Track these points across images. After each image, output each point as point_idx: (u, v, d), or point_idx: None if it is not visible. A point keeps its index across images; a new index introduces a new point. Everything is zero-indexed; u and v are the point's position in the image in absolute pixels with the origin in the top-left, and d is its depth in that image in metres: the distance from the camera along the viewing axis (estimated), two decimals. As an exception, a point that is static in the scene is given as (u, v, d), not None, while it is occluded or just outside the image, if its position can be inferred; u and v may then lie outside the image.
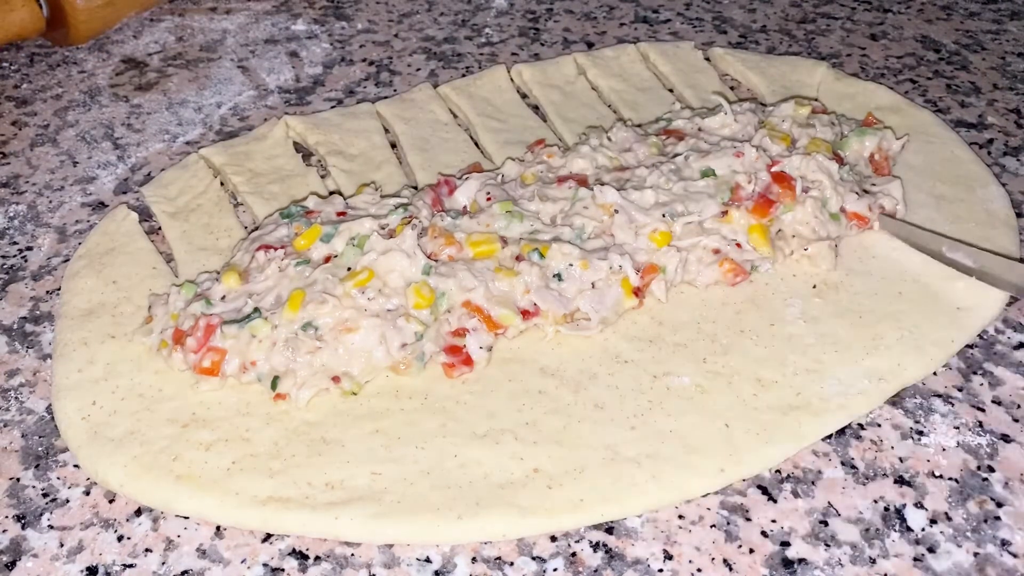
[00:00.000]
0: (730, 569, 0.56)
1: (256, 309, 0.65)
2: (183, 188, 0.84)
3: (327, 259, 0.69)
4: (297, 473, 0.60)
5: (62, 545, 0.58)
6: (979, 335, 0.71)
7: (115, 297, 0.72)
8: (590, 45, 1.10)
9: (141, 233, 0.79)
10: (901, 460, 0.63)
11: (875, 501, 0.60)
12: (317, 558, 0.57)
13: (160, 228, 0.81)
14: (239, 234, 0.79)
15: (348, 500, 0.58)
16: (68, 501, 0.60)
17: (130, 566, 0.56)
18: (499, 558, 0.57)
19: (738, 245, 0.73)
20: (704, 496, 0.60)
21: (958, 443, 0.64)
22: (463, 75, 1.04)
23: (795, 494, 0.61)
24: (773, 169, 0.76)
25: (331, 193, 0.81)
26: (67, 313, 0.71)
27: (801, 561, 0.57)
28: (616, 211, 0.72)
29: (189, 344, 0.65)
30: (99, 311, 0.71)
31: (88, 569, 0.56)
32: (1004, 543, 0.58)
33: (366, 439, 0.62)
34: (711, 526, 0.59)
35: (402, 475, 0.60)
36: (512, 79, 1.00)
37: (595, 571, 0.56)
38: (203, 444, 0.62)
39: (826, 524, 0.59)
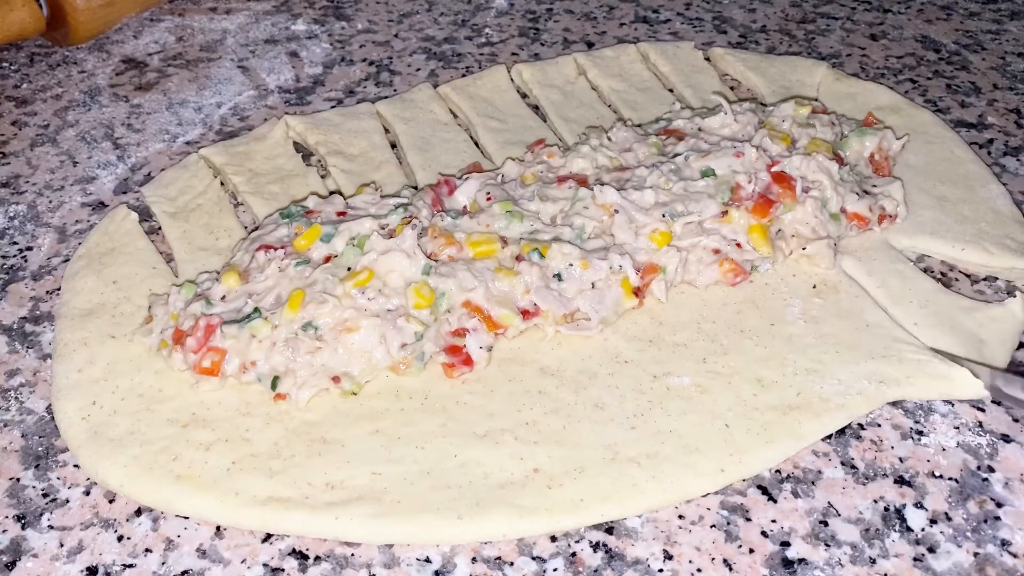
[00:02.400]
0: (730, 569, 0.56)
1: (256, 309, 0.65)
2: (183, 188, 0.84)
3: (327, 259, 0.69)
4: (297, 473, 0.60)
5: (62, 545, 0.58)
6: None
7: (115, 297, 0.72)
8: (590, 45, 1.10)
9: (141, 233, 0.79)
10: (901, 460, 0.63)
11: (875, 501, 0.60)
12: (317, 558, 0.57)
13: (160, 228, 0.81)
14: (239, 234, 0.79)
15: (348, 500, 0.58)
16: (68, 501, 0.60)
17: (130, 566, 0.56)
18: (499, 558, 0.57)
19: (738, 245, 0.73)
20: (704, 496, 0.60)
21: (958, 443, 0.64)
22: (463, 75, 1.04)
23: (795, 494, 0.61)
24: (773, 169, 0.76)
25: (331, 193, 0.80)
26: (67, 313, 0.71)
27: (801, 561, 0.57)
28: (616, 211, 0.72)
29: (189, 344, 0.65)
30: (99, 311, 0.71)
31: (88, 569, 0.56)
32: (1004, 543, 0.58)
33: (366, 439, 0.62)
34: (711, 526, 0.59)
35: (402, 475, 0.60)
36: (512, 79, 1.00)
37: (595, 571, 0.56)
38: (203, 444, 0.62)
39: (826, 524, 0.59)
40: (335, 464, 0.61)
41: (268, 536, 0.58)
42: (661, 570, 0.56)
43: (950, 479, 0.61)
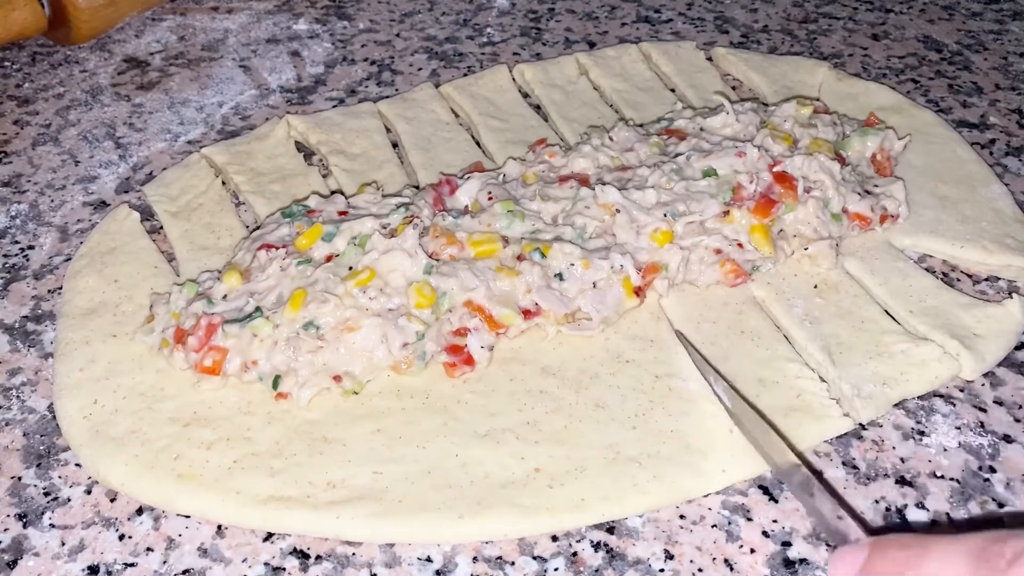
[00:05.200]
0: (731, 569, 0.56)
1: (258, 308, 0.66)
2: (185, 187, 0.84)
3: (328, 258, 0.69)
4: (298, 472, 0.60)
5: (63, 544, 0.58)
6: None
7: (117, 296, 0.72)
8: (592, 45, 1.10)
9: (143, 232, 0.79)
10: (903, 460, 0.63)
11: (876, 501, 0.60)
12: (318, 557, 0.57)
13: (162, 227, 0.81)
14: (240, 233, 0.79)
15: (349, 499, 0.58)
16: (69, 500, 0.60)
17: (131, 565, 0.56)
18: (500, 557, 0.57)
19: (740, 245, 0.73)
20: (705, 496, 0.60)
21: (959, 443, 0.64)
22: (465, 75, 1.04)
23: (796, 494, 0.60)
24: (775, 169, 0.76)
25: (333, 192, 0.81)
26: (69, 312, 0.71)
27: (802, 561, 0.57)
28: (617, 211, 0.72)
29: (191, 343, 0.65)
30: (101, 310, 0.71)
31: (89, 568, 0.56)
32: (1005, 543, 0.57)
33: (367, 438, 0.62)
34: (712, 526, 0.59)
35: (403, 474, 0.60)
36: (514, 79, 1.00)
37: (596, 571, 0.56)
38: (204, 443, 0.62)
39: (827, 524, 0.59)
40: (336, 463, 0.61)
41: (269, 535, 0.58)
42: (662, 570, 0.56)
43: (951, 480, 0.61)
